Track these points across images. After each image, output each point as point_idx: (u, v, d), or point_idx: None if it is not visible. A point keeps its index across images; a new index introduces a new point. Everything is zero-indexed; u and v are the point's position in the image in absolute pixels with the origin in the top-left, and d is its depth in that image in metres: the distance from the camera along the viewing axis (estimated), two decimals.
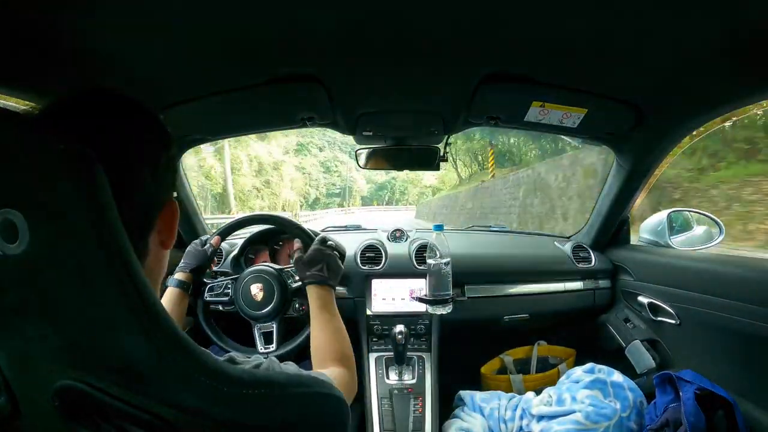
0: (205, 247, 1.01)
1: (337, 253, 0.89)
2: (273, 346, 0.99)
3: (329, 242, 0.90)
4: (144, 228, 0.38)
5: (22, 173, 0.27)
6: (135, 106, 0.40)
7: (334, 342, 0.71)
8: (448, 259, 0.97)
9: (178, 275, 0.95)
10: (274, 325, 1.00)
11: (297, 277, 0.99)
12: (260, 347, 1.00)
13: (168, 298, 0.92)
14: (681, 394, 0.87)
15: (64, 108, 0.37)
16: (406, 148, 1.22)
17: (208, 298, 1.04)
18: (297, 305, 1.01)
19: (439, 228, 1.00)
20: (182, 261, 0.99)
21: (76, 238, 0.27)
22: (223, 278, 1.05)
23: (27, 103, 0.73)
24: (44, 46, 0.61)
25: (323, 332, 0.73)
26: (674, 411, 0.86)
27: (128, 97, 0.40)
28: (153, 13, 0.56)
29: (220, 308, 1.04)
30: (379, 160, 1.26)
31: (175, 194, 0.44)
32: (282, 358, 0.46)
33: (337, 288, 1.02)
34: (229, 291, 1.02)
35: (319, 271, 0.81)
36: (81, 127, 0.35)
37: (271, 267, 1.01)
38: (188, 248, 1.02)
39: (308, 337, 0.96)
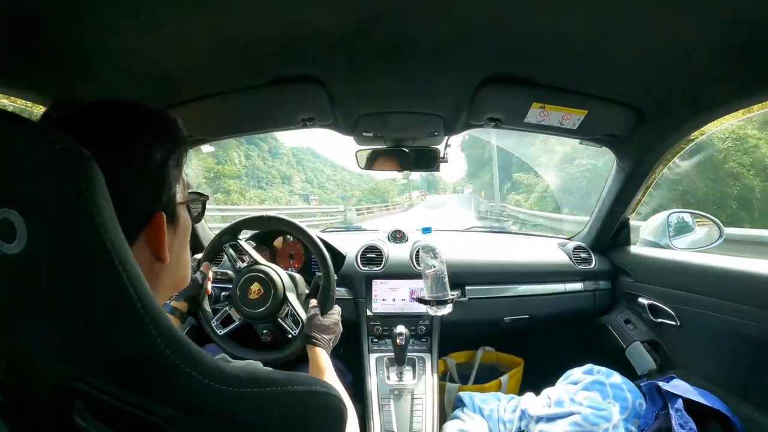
0: (195, 275, 0.97)
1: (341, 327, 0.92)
2: (222, 331, 0.98)
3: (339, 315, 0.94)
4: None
5: (21, 173, 0.27)
6: (140, 112, 0.39)
7: None
8: (442, 261, 0.97)
9: (173, 302, 0.94)
10: (239, 321, 0.98)
11: (293, 323, 0.97)
12: (214, 321, 0.98)
13: None
14: (668, 404, 0.87)
15: (62, 111, 0.37)
16: (407, 149, 1.22)
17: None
18: (266, 331, 0.98)
19: (427, 231, 1.00)
20: None
21: (73, 238, 0.27)
22: (241, 253, 1.02)
23: (27, 103, 0.73)
24: (44, 46, 0.61)
25: None
26: (665, 418, 0.86)
27: (133, 102, 0.39)
28: (154, 14, 0.56)
29: (218, 272, 1.02)
30: (379, 161, 1.25)
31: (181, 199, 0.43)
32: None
33: (337, 289, 1.01)
34: (234, 265, 1.01)
35: (329, 340, 0.87)
36: (79, 128, 0.34)
37: (282, 288, 0.96)
38: None
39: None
